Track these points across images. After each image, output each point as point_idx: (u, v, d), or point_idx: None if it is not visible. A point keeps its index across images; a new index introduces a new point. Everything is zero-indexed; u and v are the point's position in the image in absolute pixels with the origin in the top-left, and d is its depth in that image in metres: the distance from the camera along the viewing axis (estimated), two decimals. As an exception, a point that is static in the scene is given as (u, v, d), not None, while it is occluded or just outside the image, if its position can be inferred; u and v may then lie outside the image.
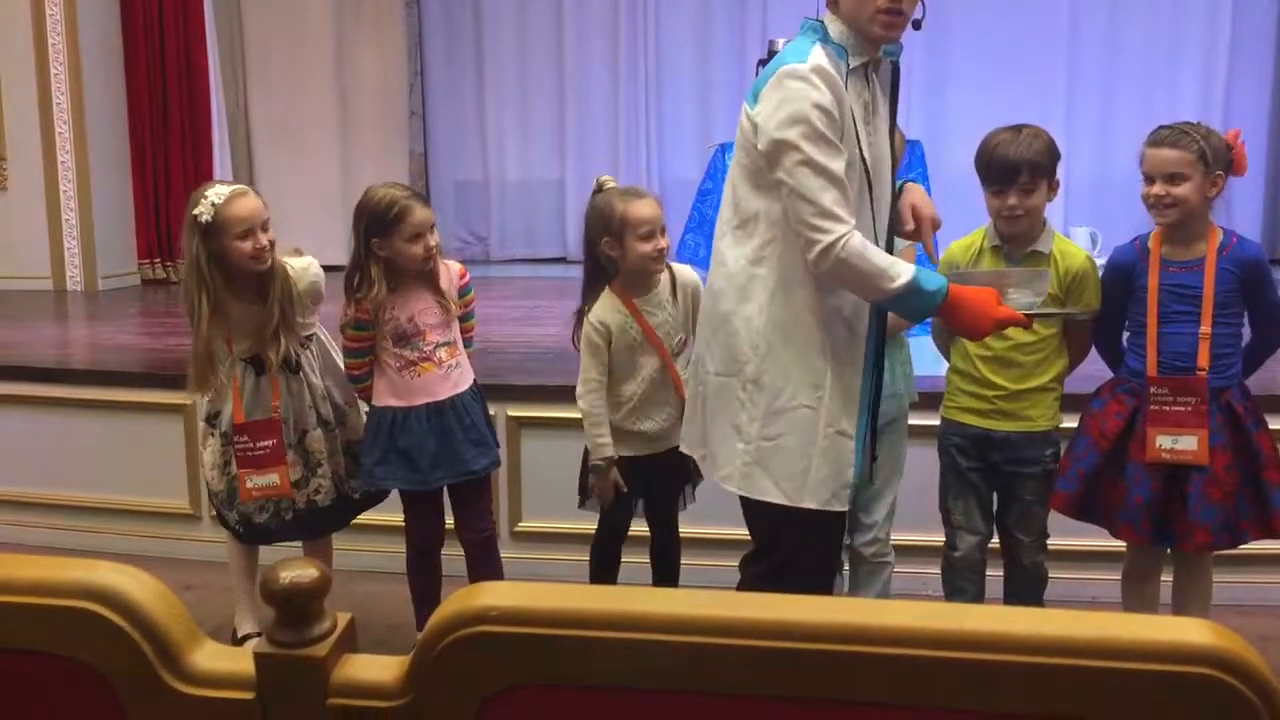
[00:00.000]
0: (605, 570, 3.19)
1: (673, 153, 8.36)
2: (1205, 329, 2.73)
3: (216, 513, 3.27)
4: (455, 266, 3.16)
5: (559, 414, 3.73)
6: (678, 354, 3.02)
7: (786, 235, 2.33)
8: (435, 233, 3.01)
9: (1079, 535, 3.20)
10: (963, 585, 3.05)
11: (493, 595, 0.97)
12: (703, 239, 6.11)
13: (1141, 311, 2.82)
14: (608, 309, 3.00)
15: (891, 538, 3.19)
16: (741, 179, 2.40)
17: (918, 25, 2.37)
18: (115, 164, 7.28)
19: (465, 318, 3.19)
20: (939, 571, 3.13)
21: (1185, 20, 7.72)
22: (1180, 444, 2.73)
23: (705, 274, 2.71)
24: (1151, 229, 2.87)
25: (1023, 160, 2.80)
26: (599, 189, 3.02)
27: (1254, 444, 2.78)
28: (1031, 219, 2.87)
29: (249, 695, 0.99)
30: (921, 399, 3.21)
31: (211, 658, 1.01)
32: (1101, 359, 3.03)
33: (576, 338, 3.08)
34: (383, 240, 2.95)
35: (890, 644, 0.89)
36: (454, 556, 3.22)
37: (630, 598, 0.96)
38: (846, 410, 2.41)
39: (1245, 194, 7.20)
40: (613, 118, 8.49)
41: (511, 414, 3.86)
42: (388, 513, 3.49)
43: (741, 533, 2.65)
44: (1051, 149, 2.85)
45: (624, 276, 3.00)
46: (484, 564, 3.14)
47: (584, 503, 3.16)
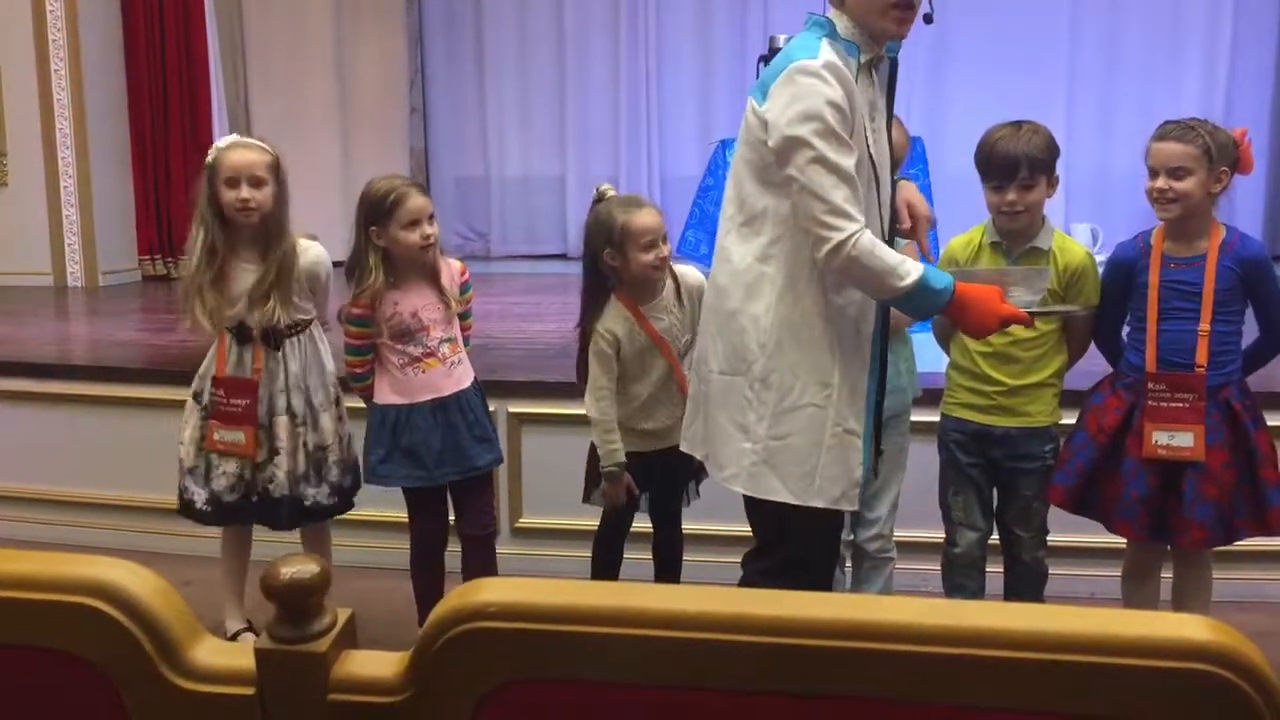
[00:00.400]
0: (607, 566, 3.19)
1: (673, 149, 8.36)
2: (1204, 326, 2.73)
3: (180, 499, 3.20)
4: (456, 264, 3.17)
5: (559, 410, 3.73)
6: (684, 354, 3.02)
7: (795, 232, 2.31)
8: (434, 223, 3.01)
9: (1079, 531, 3.20)
10: (963, 582, 3.05)
11: (492, 591, 0.97)
12: (704, 235, 6.10)
13: (1142, 307, 2.82)
14: (615, 318, 2.99)
15: (894, 534, 3.20)
16: (748, 176, 2.38)
17: (929, 19, 2.36)
18: (116, 160, 7.27)
19: (463, 315, 3.19)
20: (939, 568, 3.13)
21: (1186, 17, 7.71)
22: (1177, 440, 2.73)
23: (707, 270, 2.71)
24: (1154, 225, 2.87)
25: (1022, 156, 2.80)
26: (599, 198, 3.01)
27: (1252, 442, 2.77)
28: (1031, 215, 2.87)
29: (249, 690, 0.99)
30: (923, 395, 3.21)
31: (212, 653, 1.01)
32: (1101, 354, 3.03)
33: (582, 360, 3.05)
34: (380, 228, 2.96)
35: (890, 640, 0.89)
36: (456, 552, 3.22)
37: (630, 593, 0.96)
38: (854, 408, 2.40)
39: (1246, 190, 7.19)
40: (613, 114, 8.49)
41: (512, 410, 3.86)
42: (387, 509, 3.49)
43: (744, 529, 2.65)
44: (1051, 145, 2.85)
45: (628, 286, 3.00)
46: (480, 561, 3.13)
47: (589, 496, 3.16)
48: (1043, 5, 7.76)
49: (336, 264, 3.24)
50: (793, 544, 2.48)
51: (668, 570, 3.22)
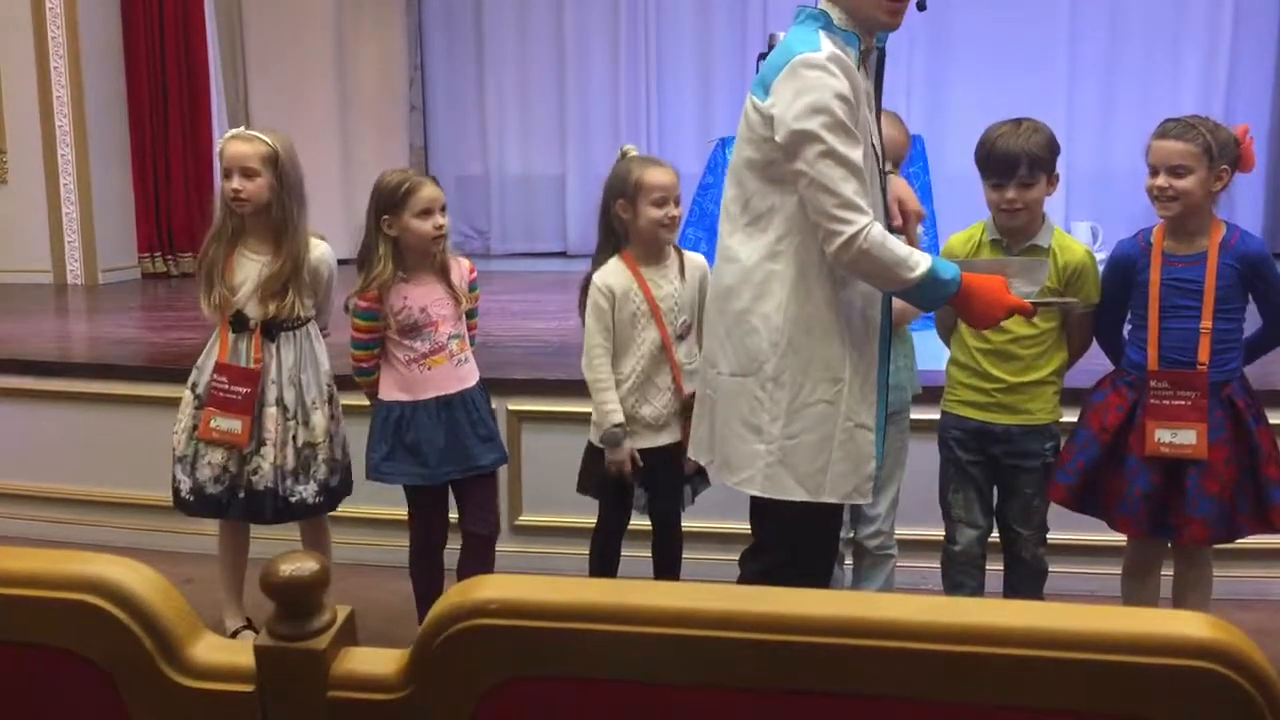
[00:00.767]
0: (605, 564, 3.19)
1: (673, 147, 8.35)
2: (1206, 324, 2.73)
3: (172, 489, 3.20)
4: (465, 262, 3.17)
5: (559, 408, 3.74)
6: (681, 337, 3.02)
7: (803, 228, 2.30)
8: (445, 215, 3.02)
9: (1079, 529, 3.20)
10: (962, 579, 3.05)
11: (492, 588, 0.97)
12: (703, 233, 6.10)
13: (1143, 305, 2.82)
14: (614, 273, 3.01)
15: (895, 531, 3.20)
16: (750, 174, 2.36)
17: (922, 6, 2.36)
18: (115, 157, 7.27)
19: (470, 315, 3.19)
20: (939, 566, 3.13)
21: (1186, 15, 7.71)
22: (1179, 438, 2.73)
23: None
24: (1155, 223, 2.87)
25: (1022, 153, 2.80)
26: (622, 156, 3.05)
27: (1253, 439, 2.78)
28: (1030, 213, 2.87)
29: (249, 688, 0.99)
30: (923, 393, 3.21)
31: (211, 650, 1.01)
32: (1103, 352, 3.03)
33: (583, 306, 3.07)
34: (393, 217, 2.96)
35: (890, 638, 0.89)
36: (454, 549, 3.22)
37: (630, 591, 0.96)
38: (865, 402, 2.39)
39: (1246, 188, 7.20)
40: (613, 112, 8.49)
41: (512, 408, 3.86)
42: (387, 507, 3.49)
43: (742, 527, 2.64)
44: (1051, 143, 2.85)
45: (634, 243, 3.01)
46: (478, 561, 3.12)
47: (585, 486, 3.15)
48: (1043, 3, 7.76)
49: (342, 262, 3.24)
50: (791, 542, 2.47)
51: (667, 570, 3.21)
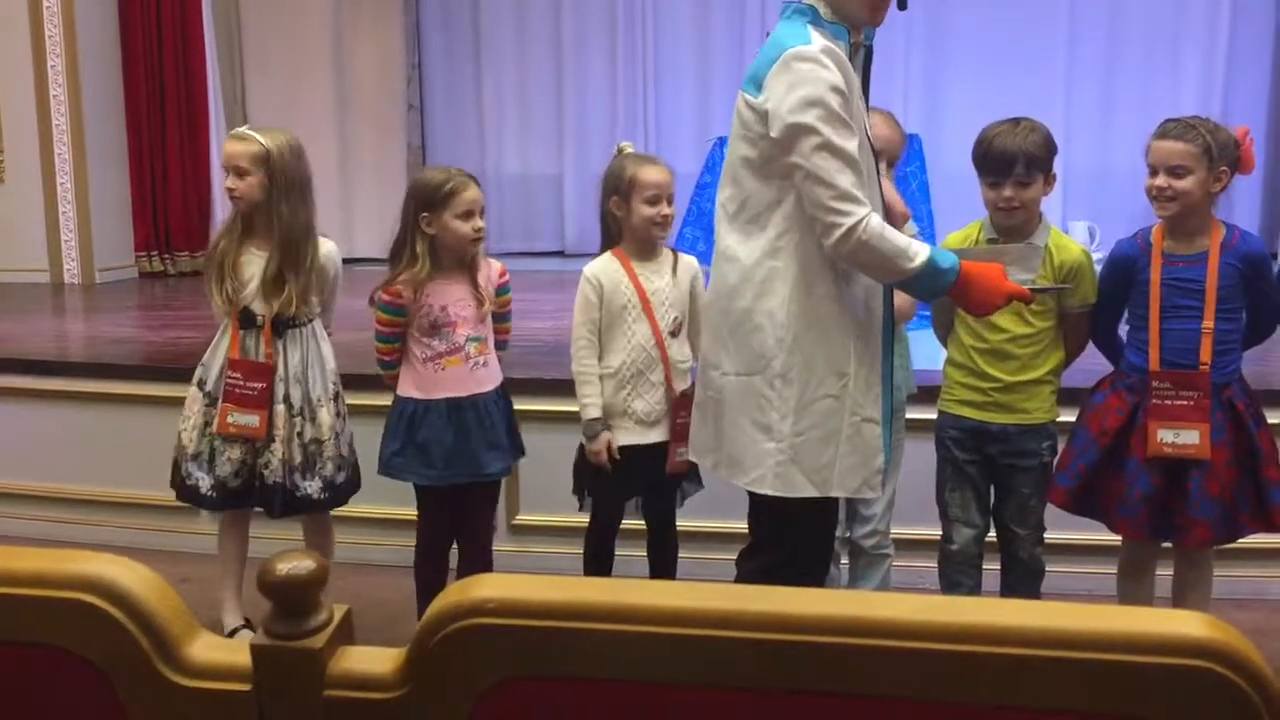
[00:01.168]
0: (599, 564, 3.19)
1: (671, 146, 8.34)
2: (1208, 324, 2.73)
3: (180, 486, 3.20)
4: (496, 265, 3.17)
5: (556, 407, 3.73)
6: (673, 334, 3.02)
7: (802, 224, 2.29)
8: (484, 217, 3.02)
9: (1076, 529, 3.20)
10: (960, 578, 3.05)
11: (490, 587, 0.97)
12: (701, 233, 6.10)
13: (1143, 306, 2.82)
14: (604, 266, 3.02)
15: (890, 530, 3.20)
16: (747, 172, 2.35)
17: (903, 5, 2.36)
18: (112, 156, 7.26)
19: (502, 319, 3.19)
20: (936, 565, 3.13)
21: (1185, 15, 7.72)
22: (1182, 438, 2.73)
23: (705, 269, 2.70)
24: (1153, 223, 2.87)
25: (1019, 151, 2.80)
26: (618, 153, 3.06)
27: (1254, 440, 2.78)
28: (1027, 211, 2.87)
29: (245, 687, 0.99)
30: (919, 392, 3.21)
31: (208, 649, 1.01)
32: (1100, 353, 3.03)
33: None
34: (432, 215, 2.95)
35: (887, 636, 0.89)
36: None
37: (627, 590, 0.96)
38: (869, 395, 2.39)
39: (1243, 188, 7.19)
40: (611, 111, 8.49)
41: (509, 407, 3.85)
42: (389, 506, 3.50)
43: (739, 526, 2.64)
44: (1048, 142, 2.85)
45: (627, 240, 3.02)
46: (476, 569, 3.10)
47: (577, 488, 3.16)
48: (1042, 3, 7.76)
49: (346, 261, 3.25)
50: (790, 541, 2.47)
51: (663, 570, 3.21)
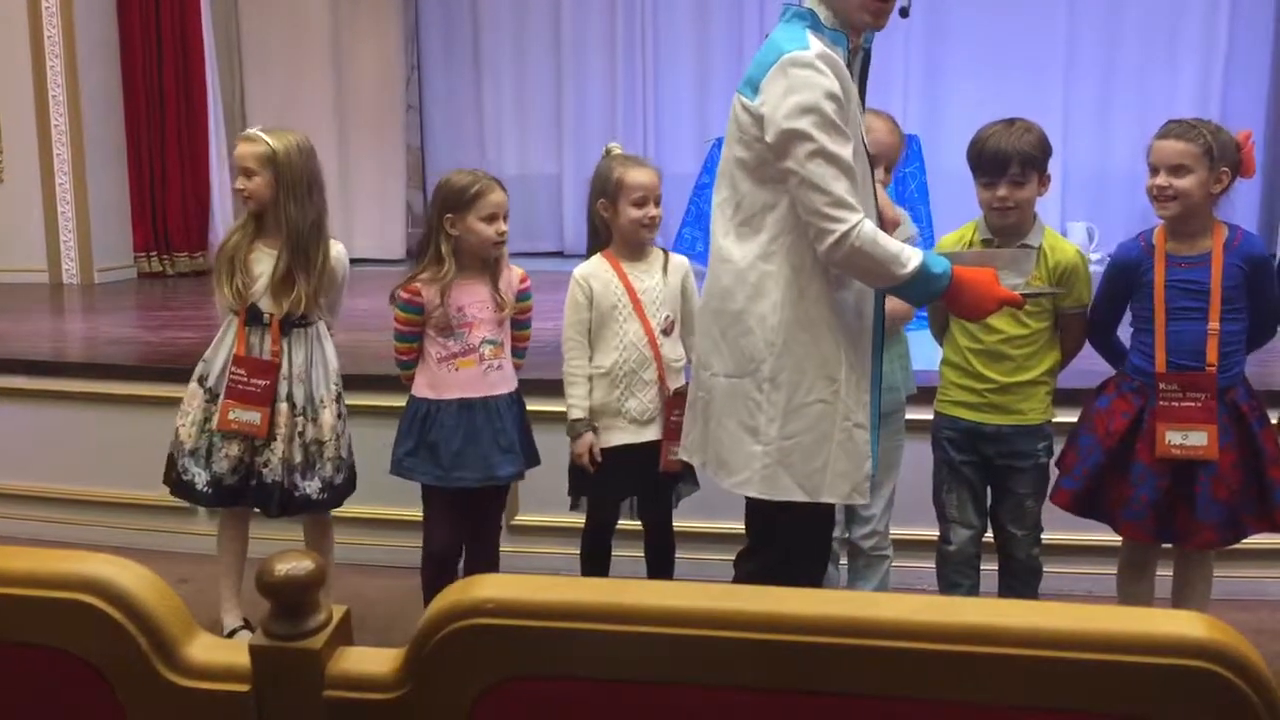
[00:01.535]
0: (595, 564, 3.19)
1: (670, 147, 8.36)
2: (1214, 325, 2.73)
3: (175, 482, 3.21)
4: (517, 271, 3.17)
5: (555, 408, 3.72)
6: (665, 332, 3.02)
7: (796, 228, 2.29)
8: (508, 221, 3.03)
9: (1074, 529, 3.20)
10: (958, 579, 3.05)
11: (489, 588, 0.97)
12: (700, 233, 6.11)
13: (1148, 308, 2.81)
14: (594, 268, 3.03)
15: (890, 531, 3.20)
16: (742, 174, 2.35)
17: (905, 12, 2.36)
18: (111, 157, 7.26)
19: (521, 325, 3.19)
20: (934, 566, 3.13)
21: (1183, 16, 7.72)
22: (1190, 440, 2.72)
23: (701, 268, 2.70)
24: (1154, 224, 2.87)
25: (1013, 151, 2.80)
26: (606, 155, 3.06)
27: (1258, 441, 2.78)
28: (1022, 212, 2.87)
29: (244, 687, 0.99)
30: (918, 393, 3.21)
31: (206, 650, 1.01)
32: (1099, 354, 3.03)
33: None
34: (457, 216, 2.96)
35: (885, 637, 0.89)
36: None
37: (627, 590, 0.96)
38: (859, 401, 2.39)
39: (1242, 188, 7.20)
40: (610, 112, 8.49)
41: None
42: (391, 506, 3.49)
43: (736, 527, 2.64)
44: (1043, 142, 2.85)
45: (616, 242, 3.03)
46: (482, 571, 3.10)
47: (573, 489, 3.15)
48: (1040, 3, 7.77)
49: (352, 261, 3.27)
50: (784, 543, 2.47)
51: (661, 571, 3.21)
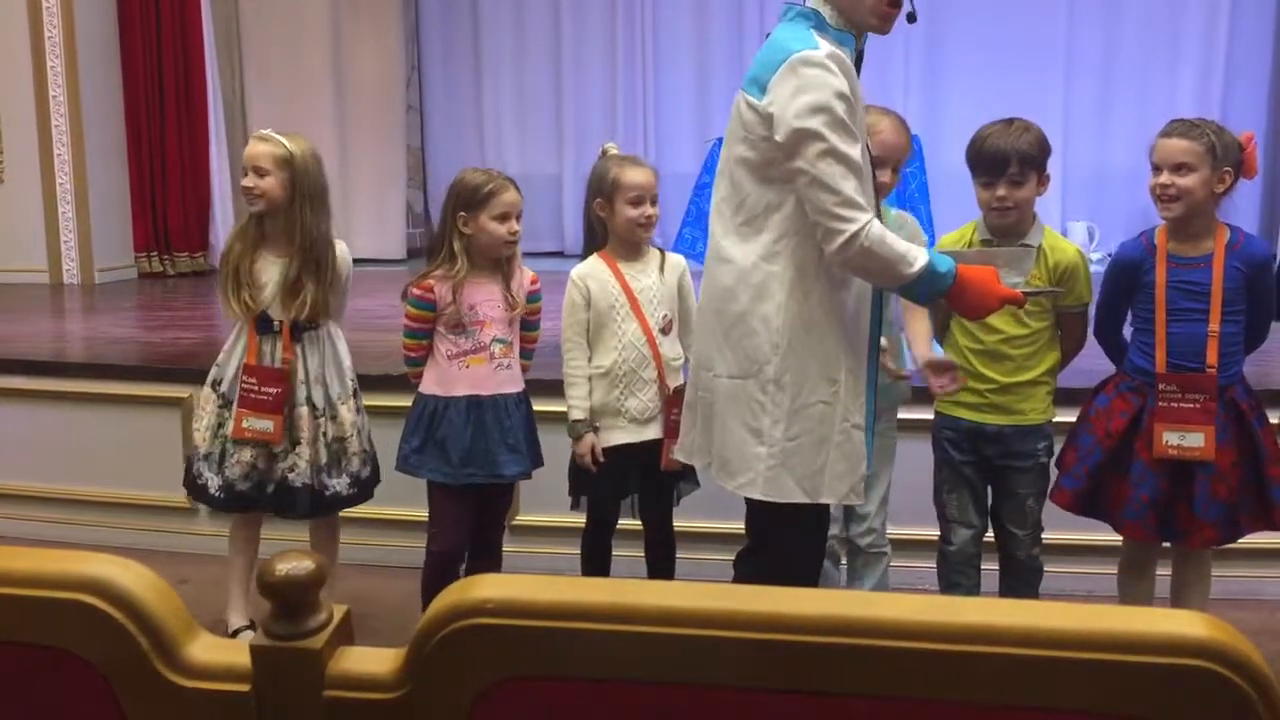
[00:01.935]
0: (595, 564, 3.19)
1: (670, 147, 8.36)
2: (1214, 326, 2.73)
3: (190, 484, 3.23)
4: (529, 273, 3.17)
5: (555, 408, 3.73)
6: (663, 331, 3.02)
7: (801, 228, 2.29)
8: (520, 221, 3.03)
9: (1074, 529, 3.20)
10: (958, 579, 3.05)
11: (490, 587, 0.97)
12: (700, 233, 6.10)
13: (1148, 308, 2.81)
14: (590, 269, 3.04)
15: (887, 529, 3.20)
16: (746, 174, 2.33)
17: (912, 18, 2.36)
18: (112, 157, 7.26)
19: (530, 327, 3.19)
20: (935, 566, 3.13)
21: (1184, 16, 7.73)
22: (1188, 440, 2.73)
23: (701, 268, 2.70)
24: (1155, 224, 2.87)
25: (1012, 151, 2.80)
26: (602, 155, 3.07)
27: (1257, 440, 2.78)
28: (1021, 212, 2.87)
29: (244, 687, 0.99)
30: (916, 394, 3.20)
31: (207, 650, 1.01)
32: (1104, 353, 3.02)
33: None
34: (470, 215, 2.97)
35: (885, 637, 0.89)
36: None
37: (627, 590, 0.96)
38: (856, 402, 2.39)
39: (1243, 188, 7.20)
40: (610, 112, 8.50)
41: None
42: (394, 507, 3.49)
43: (736, 527, 2.64)
44: (1042, 142, 2.85)
45: (612, 241, 3.04)
46: (485, 570, 3.10)
47: (575, 503, 3.16)
48: (1041, 3, 7.77)
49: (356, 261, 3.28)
50: (786, 544, 2.47)
51: (662, 571, 3.21)
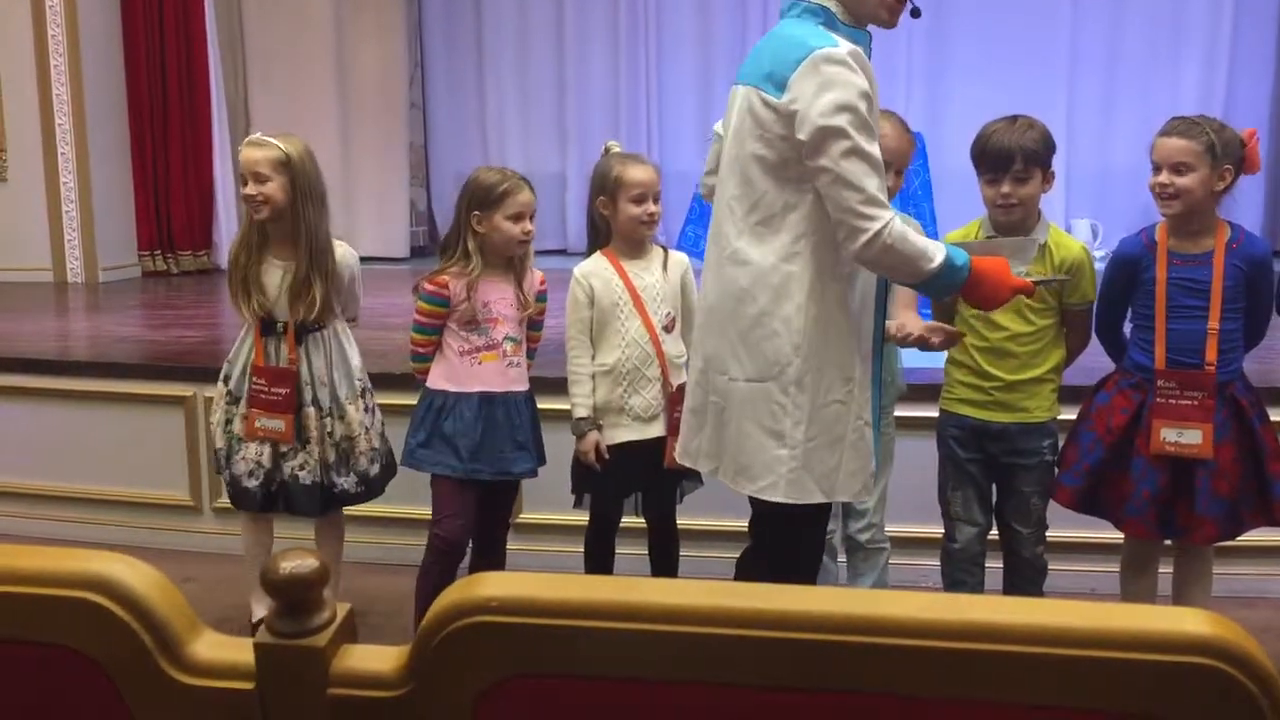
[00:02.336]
0: (598, 561, 3.19)
1: (673, 144, 8.36)
2: (1214, 324, 2.73)
3: (222, 476, 3.30)
4: (537, 273, 3.18)
5: (559, 405, 3.73)
6: (666, 329, 3.02)
7: (821, 228, 2.27)
8: (534, 220, 3.04)
9: (1078, 527, 3.20)
10: (962, 577, 3.05)
11: (494, 585, 0.96)
12: (703, 231, 6.07)
13: (1148, 305, 2.81)
14: (594, 267, 3.05)
15: (887, 527, 3.20)
16: (760, 172, 2.31)
17: (916, 13, 2.36)
18: (115, 156, 7.27)
19: (534, 326, 3.20)
20: (938, 563, 3.13)
21: (1187, 13, 7.72)
22: (1185, 437, 2.73)
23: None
24: (1157, 221, 2.87)
25: (1016, 147, 2.80)
26: (605, 152, 3.07)
27: (1258, 436, 2.78)
28: (1026, 209, 2.87)
29: (248, 685, 0.99)
30: (921, 391, 3.20)
31: (211, 648, 1.01)
32: (1104, 350, 3.02)
33: None
34: (484, 214, 2.97)
35: (891, 634, 0.89)
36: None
37: (631, 588, 0.95)
38: (866, 400, 2.39)
39: (1246, 186, 7.19)
40: (613, 109, 8.49)
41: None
42: (397, 505, 3.50)
43: (739, 524, 2.64)
44: (1046, 139, 2.85)
45: (616, 239, 3.05)
46: (489, 567, 3.10)
47: (578, 501, 3.17)
48: (1044, 1, 7.76)
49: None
50: (792, 543, 2.47)
51: (665, 569, 3.21)
